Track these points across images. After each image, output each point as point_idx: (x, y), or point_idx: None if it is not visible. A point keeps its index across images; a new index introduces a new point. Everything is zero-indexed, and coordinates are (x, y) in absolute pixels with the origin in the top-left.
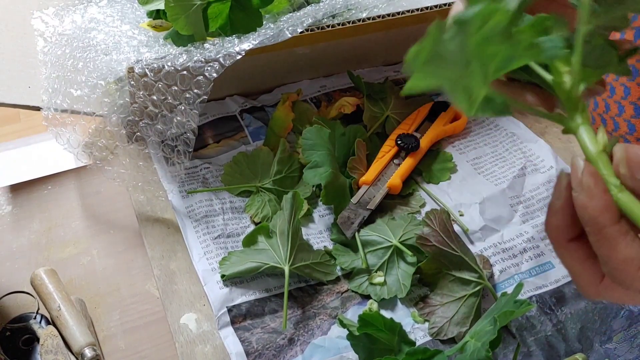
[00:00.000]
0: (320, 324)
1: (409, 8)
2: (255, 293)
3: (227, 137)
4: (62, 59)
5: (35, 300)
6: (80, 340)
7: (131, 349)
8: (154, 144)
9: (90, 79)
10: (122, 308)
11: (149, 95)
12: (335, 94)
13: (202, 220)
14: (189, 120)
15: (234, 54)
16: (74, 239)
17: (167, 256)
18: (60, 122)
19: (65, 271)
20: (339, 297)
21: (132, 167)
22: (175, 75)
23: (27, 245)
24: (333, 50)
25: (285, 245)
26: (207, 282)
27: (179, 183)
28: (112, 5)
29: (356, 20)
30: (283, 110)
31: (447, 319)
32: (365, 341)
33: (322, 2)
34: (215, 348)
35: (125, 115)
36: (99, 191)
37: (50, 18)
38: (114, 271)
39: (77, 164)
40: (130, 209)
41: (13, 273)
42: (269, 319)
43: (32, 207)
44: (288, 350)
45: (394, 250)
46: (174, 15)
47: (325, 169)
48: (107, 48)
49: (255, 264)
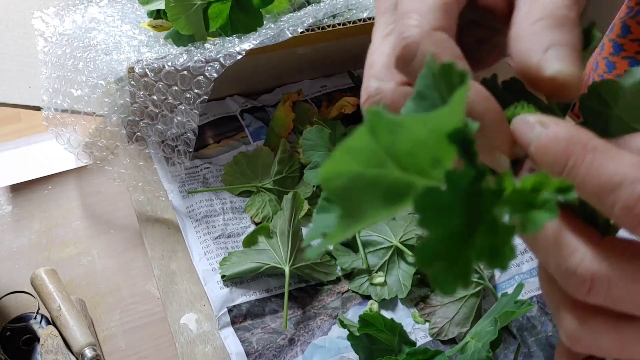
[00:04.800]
0: (320, 324)
1: None
2: (255, 293)
3: (227, 137)
4: (62, 59)
5: (36, 300)
6: (81, 340)
7: (131, 349)
8: (154, 144)
9: (90, 79)
10: (122, 308)
11: (150, 95)
12: (336, 94)
13: (202, 220)
14: (190, 120)
15: (234, 53)
16: (74, 239)
17: (167, 256)
18: (60, 122)
19: (66, 271)
20: (339, 298)
21: (133, 167)
22: (176, 75)
23: (27, 245)
24: (334, 50)
25: (285, 245)
26: (208, 282)
27: (180, 183)
28: (112, 5)
29: (357, 20)
30: (284, 110)
31: (447, 319)
32: (365, 341)
33: (323, 2)
34: (215, 348)
35: (126, 115)
36: (99, 191)
37: (51, 18)
38: (114, 271)
39: (77, 164)
40: (130, 209)
41: (13, 273)
42: (269, 319)
43: (32, 207)
44: (288, 350)
45: (394, 250)
46: (175, 15)
47: None
48: (108, 48)
49: (256, 264)
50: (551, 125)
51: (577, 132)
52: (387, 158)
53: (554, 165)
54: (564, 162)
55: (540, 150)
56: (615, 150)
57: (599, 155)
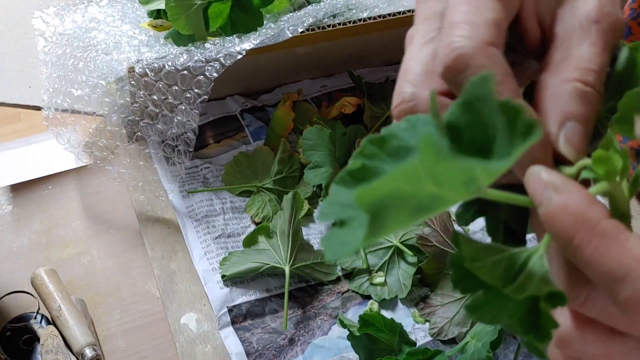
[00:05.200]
0: (320, 324)
1: (409, 8)
2: (255, 293)
3: (227, 137)
4: (62, 59)
5: (36, 300)
6: (81, 340)
7: (131, 349)
8: (154, 143)
9: (90, 79)
10: (122, 308)
11: (150, 95)
12: (336, 93)
13: (202, 220)
14: (190, 120)
15: (234, 53)
16: (75, 239)
17: (167, 256)
18: (60, 121)
19: (66, 271)
20: (339, 298)
21: (133, 167)
22: (176, 75)
23: (27, 245)
24: (334, 50)
25: (285, 245)
26: (208, 282)
27: (180, 183)
28: (112, 5)
29: (357, 20)
30: (284, 110)
31: (447, 319)
32: (365, 341)
33: (323, 1)
34: (215, 348)
35: (126, 115)
36: (99, 191)
37: (51, 18)
38: (114, 271)
39: (77, 164)
40: (130, 209)
41: (13, 273)
42: (269, 319)
43: (32, 207)
44: (288, 350)
45: (394, 250)
46: (175, 15)
47: (326, 169)
48: (108, 48)
49: (256, 264)
50: (564, 193)
51: (588, 208)
52: (427, 175)
53: (560, 237)
54: (570, 238)
55: (548, 218)
56: (625, 236)
57: (605, 242)
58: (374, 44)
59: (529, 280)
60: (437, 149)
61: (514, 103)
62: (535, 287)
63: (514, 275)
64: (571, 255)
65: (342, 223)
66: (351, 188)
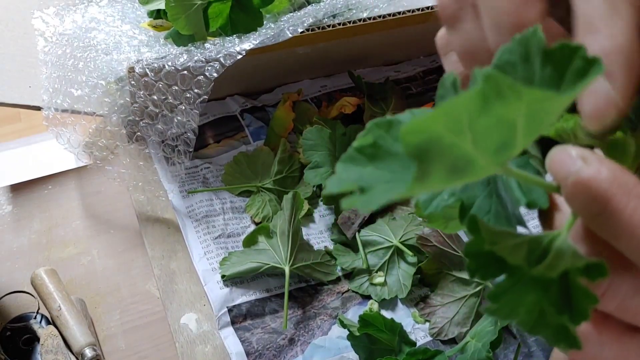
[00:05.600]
0: (320, 324)
1: (409, 8)
2: (255, 293)
3: (227, 137)
4: (62, 59)
5: (36, 300)
6: (81, 340)
7: (131, 349)
8: (154, 143)
9: (90, 79)
10: (122, 308)
11: (150, 95)
12: (336, 93)
13: (202, 220)
14: (190, 120)
15: (234, 53)
16: (74, 239)
17: (167, 256)
18: (60, 121)
19: (66, 271)
20: (339, 298)
21: (133, 167)
22: (176, 75)
23: (27, 245)
24: (334, 50)
25: (285, 245)
26: (208, 282)
27: (180, 183)
28: (112, 5)
29: (357, 20)
30: (284, 110)
31: (447, 319)
32: (365, 341)
33: (323, 2)
34: (215, 348)
35: (126, 115)
36: (99, 191)
37: (51, 18)
38: (114, 271)
39: (77, 164)
40: (130, 209)
41: (13, 273)
42: (269, 319)
43: (32, 207)
44: (288, 350)
45: (394, 250)
46: (175, 15)
47: (326, 169)
48: (108, 48)
49: (256, 264)
50: (594, 162)
51: (622, 174)
52: (467, 128)
53: (591, 206)
54: (603, 205)
55: (578, 187)
56: None
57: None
58: (374, 44)
59: (559, 258)
60: (499, 81)
61: (571, 45)
62: (569, 262)
63: (538, 257)
64: (603, 224)
65: (362, 190)
66: (361, 165)
